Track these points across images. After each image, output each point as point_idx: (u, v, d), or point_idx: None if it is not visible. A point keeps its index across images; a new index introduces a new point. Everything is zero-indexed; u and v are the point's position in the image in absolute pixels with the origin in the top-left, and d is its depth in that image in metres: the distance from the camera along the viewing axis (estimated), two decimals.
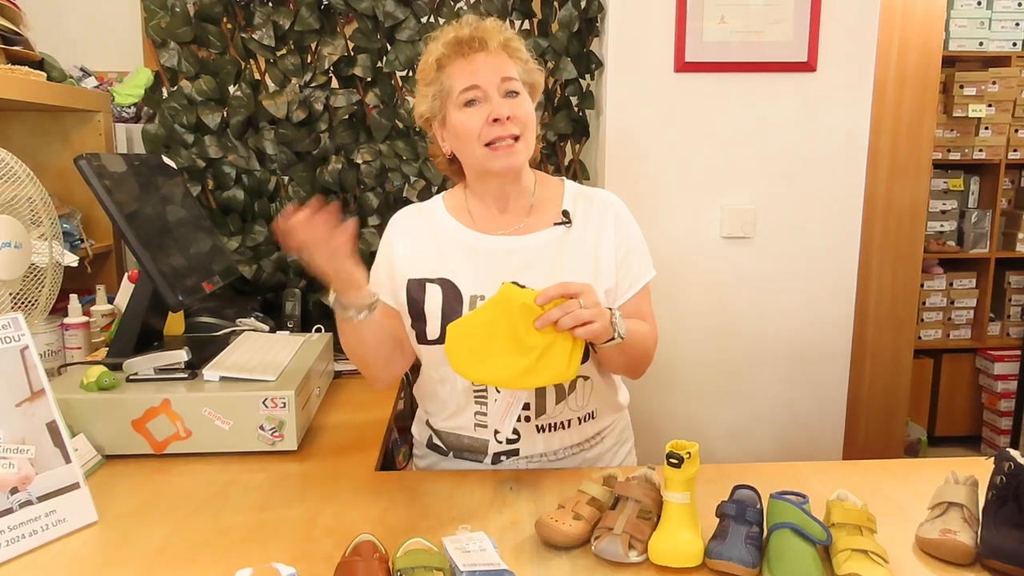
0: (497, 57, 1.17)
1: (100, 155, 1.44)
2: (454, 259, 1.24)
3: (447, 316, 1.19)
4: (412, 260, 1.25)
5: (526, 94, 1.20)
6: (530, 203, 1.27)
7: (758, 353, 2.14)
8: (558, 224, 1.25)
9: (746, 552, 0.91)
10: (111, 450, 1.27)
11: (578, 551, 0.98)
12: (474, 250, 1.24)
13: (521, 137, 1.18)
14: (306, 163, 2.13)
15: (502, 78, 1.17)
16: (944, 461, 1.22)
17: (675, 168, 2.06)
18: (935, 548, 0.96)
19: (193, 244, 1.64)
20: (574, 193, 1.29)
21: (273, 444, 1.30)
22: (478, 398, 1.23)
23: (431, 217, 1.29)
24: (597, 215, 1.26)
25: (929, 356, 3.40)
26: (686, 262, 2.10)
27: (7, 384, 1.03)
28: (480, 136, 1.17)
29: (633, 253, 1.27)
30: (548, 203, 1.27)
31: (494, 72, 1.16)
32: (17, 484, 1.00)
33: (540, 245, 1.23)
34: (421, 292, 1.22)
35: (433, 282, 1.22)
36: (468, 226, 1.26)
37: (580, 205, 1.27)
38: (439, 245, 1.25)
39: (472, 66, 1.16)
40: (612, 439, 1.34)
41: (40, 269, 1.39)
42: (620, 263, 1.25)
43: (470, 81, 1.16)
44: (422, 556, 0.88)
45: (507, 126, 1.16)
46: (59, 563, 0.96)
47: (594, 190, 1.31)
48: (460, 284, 1.21)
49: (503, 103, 1.16)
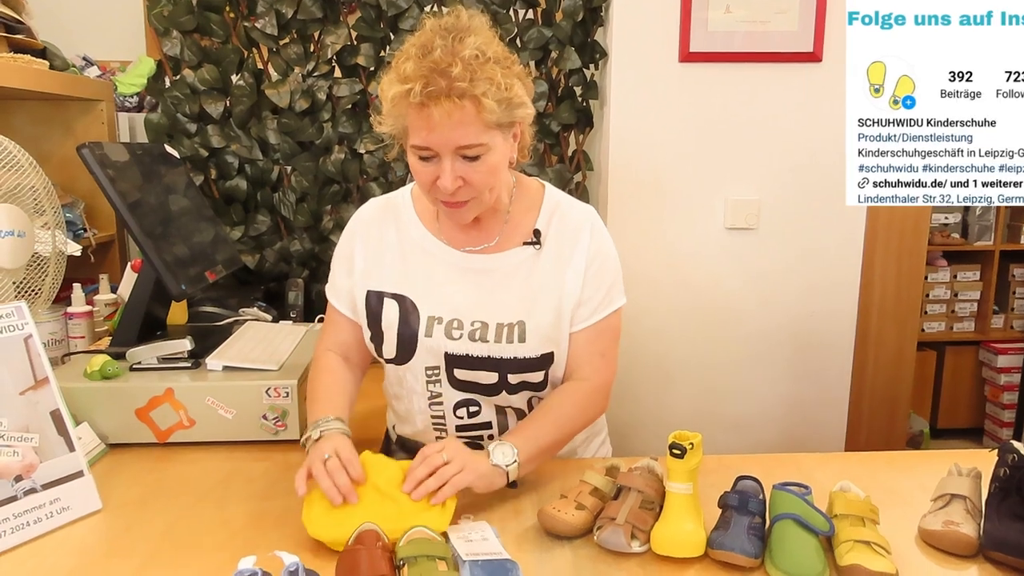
0: (459, 113, 0.98)
1: (102, 144, 1.44)
2: (416, 273, 1.17)
3: (402, 336, 1.14)
4: (373, 271, 1.18)
5: (496, 142, 1.04)
6: (504, 218, 1.17)
7: (761, 345, 2.14)
8: (528, 243, 1.16)
9: (748, 542, 0.91)
10: (115, 439, 1.28)
11: (580, 541, 0.98)
12: (440, 266, 1.16)
13: (474, 199, 1.07)
14: (309, 153, 2.13)
15: (458, 146, 1.01)
16: (947, 453, 1.22)
17: (679, 158, 2.05)
18: (938, 540, 0.96)
19: (196, 233, 1.64)
20: (552, 208, 1.18)
21: (276, 433, 1.30)
22: (436, 424, 1.20)
23: (399, 217, 1.20)
24: (571, 233, 1.16)
25: (932, 348, 3.40)
26: (689, 253, 2.10)
27: (11, 372, 1.03)
28: (428, 191, 1.08)
29: (603, 275, 1.17)
30: (524, 216, 1.18)
31: (451, 136, 1.00)
32: (21, 472, 1.00)
33: (509, 268, 1.15)
34: (379, 306, 1.16)
35: (391, 297, 1.16)
36: (435, 234, 1.18)
37: (555, 222, 1.17)
38: (403, 254, 1.18)
39: (428, 123, 0.99)
40: (582, 435, 1.28)
41: (43, 258, 1.38)
42: (586, 282, 1.15)
43: (423, 141, 1.02)
44: (425, 545, 0.89)
45: (456, 194, 1.05)
46: (64, 550, 0.97)
47: (572, 205, 1.20)
48: (419, 303, 1.15)
49: (455, 169, 1.02)
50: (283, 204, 2.17)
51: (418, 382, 1.17)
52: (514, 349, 1.12)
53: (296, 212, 2.15)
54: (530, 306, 1.13)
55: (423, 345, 1.14)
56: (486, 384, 1.14)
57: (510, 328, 1.12)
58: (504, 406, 1.18)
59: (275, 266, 2.17)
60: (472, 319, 1.13)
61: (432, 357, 1.14)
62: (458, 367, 1.14)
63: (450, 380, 1.15)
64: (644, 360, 2.15)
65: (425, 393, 1.17)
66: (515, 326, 1.12)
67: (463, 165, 1.03)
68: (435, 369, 1.15)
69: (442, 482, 0.99)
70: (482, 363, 1.13)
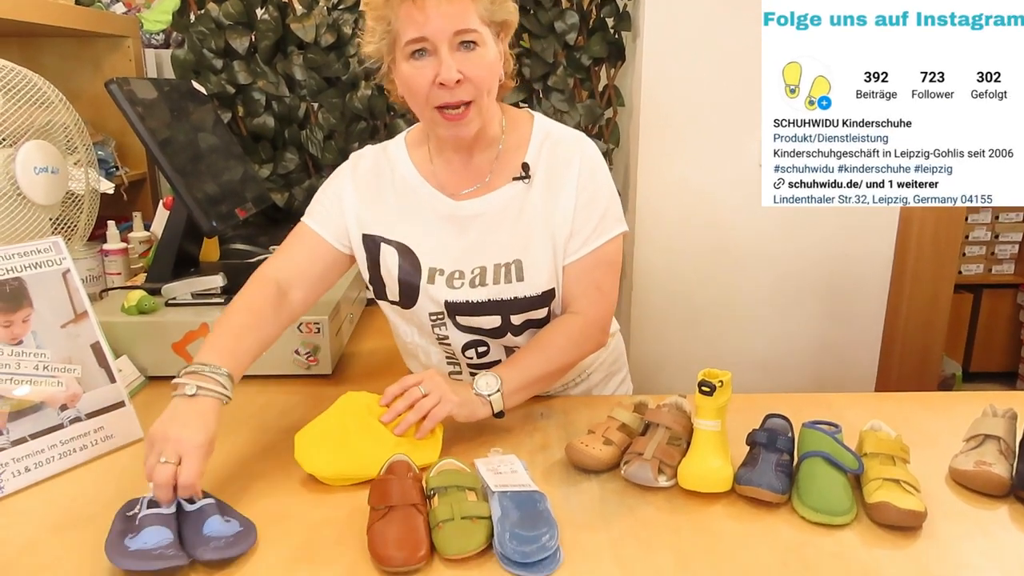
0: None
1: (130, 79, 1.44)
2: (412, 222, 1.14)
3: (404, 284, 1.13)
4: (369, 217, 1.15)
5: (489, 40, 1.02)
6: (496, 154, 1.14)
7: (792, 286, 2.11)
8: (517, 179, 1.12)
9: (776, 479, 0.92)
10: (153, 371, 1.31)
11: (607, 475, 0.99)
12: (434, 215, 1.14)
13: (474, 102, 1.03)
14: (336, 89, 2.10)
15: (455, 31, 0.98)
16: (981, 395, 1.20)
17: (714, 94, 1.99)
18: (969, 479, 0.95)
19: (225, 171, 1.64)
20: (541, 139, 1.14)
21: (308, 368, 1.32)
22: (449, 361, 1.20)
23: (394, 166, 1.17)
24: (562, 163, 1.12)
25: (969, 291, 3.32)
26: (721, 192, 2.05)
27: (52, 306, 1.06)
28: (428, 98, 1.02)
29: (595, 203, 1.11)
30: (514, 151, 1.14)
31: (447, 21, 0.97)
32: (66, 401, 1.04)
33: (500, 207, 1.12)
34: (377, 251, 1.14)
35: (389, 243, 1.13)
36: (430, 181, 1.14)
37: (545, 153, 1.13)
38: (399, 200, 1.15)
39: (422, 13, 0.97)
40: (600, 374, 1.29)
41: (78, 196, 1.40)
42: (577, 211, 1.11)
43: (417, 32, 0.98)
44: (455, 476, 0.90)
45: (456, 91, 1.00)
46: (109, 476, 1.00)
47: (563, 132, 1.16)
48: (419, 253, 1.13)
49: (454, 60, 0.99)
50: (311, 142, 2.16)
51: (424, 325, 1.17)
52: (514, 289, 1.11)
53: (324, 150, 2.14)
54: (525, 243, 1.11)
55: (424, 293, 1.13)
56: (490, 328, 1.14)
57: (507, 268, 1.11)
58: (511, 347, 1.17)
59: (304, 204, 2.16)
60: (472, 266, 1.12)
61: (433, 304, 1.13)
62: (460, 313, 1.13)
63: (454, 324, 1.15)
64: (671, 299, 2.14)
65: (433, 335, 1.17)
66: (511, 265, 1.11)
67: (462, 56, 1.00)
68: (439, 315, 1.14)
69: (421, 415, 1.00)
70: (483, 307, 1.12)
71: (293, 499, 0.95)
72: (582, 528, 0.88)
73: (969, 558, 0.83)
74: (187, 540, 0.82)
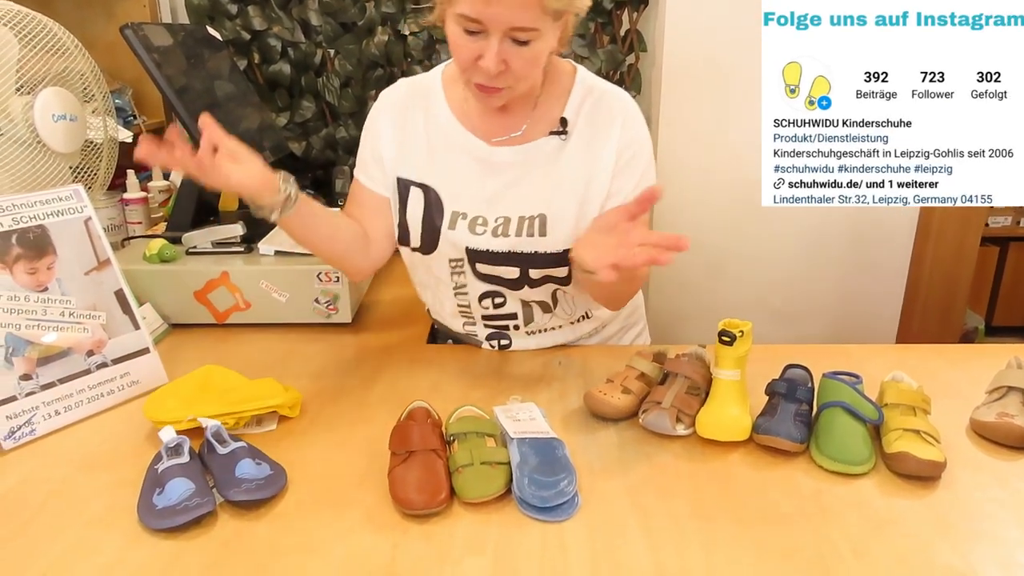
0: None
1: (143, 25, 1.42)
2: (443, 163, 1.13)
3: (426, 227, 1.13)
4: (400, 157, 1.14)
5: (547, 30, 0.98)
6: (533, 104, 1.12)
7: (815, 238, 2.08)
8: (554, 133, 1.11)
9: (794, 428, 0.92)
10: (176, 319, 1.33)
11: (625, 423, 1.00)
12: (465, 157, 1.12)
13: (508, 88, 1.02)
14: (352, 35, 2.07)
15: (513, 26, 0.94)
16: (1004, 347, 1.19)
17: (740, 40, 1.93)
18: (990, 431, 0.95)
19: (243, 120, 1.63)
20: (583, 94, 1.12)
21: (328, 316, 1.34)
22: (463, 312, 1.20)
23: (428, 103, 1.15)
24: (605, 121, 1.10)
25: (995, 244, 3.26)
26: (745, 141, 2.00)
27: (75, 253, 1.07)
28: (466, 68, 1.00)
29: (635, 164, 1.11)
30: (554, 102, 1.12)
31: (508, 13, 0.93)
32: (92, 347, 1.05)
33: (533, 159, 1.11)
34: (406, 193, 1.14)
35: (417, 186, 1.13)
36: (464, 124, 1.13)
37: (586, 109, 1.11)
38: (430, 141, 1.14)
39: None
40: (615, 326, 1.30)
41: (97, 144, 1.40)
42: (617, 172, 1.10)
43: (476, 12, 0.93)
44: (474, 423, 0.92)
45: (496, 79, 0.99)
46: (135, 420, 1.03)
47: (605, 89, 1.14)
48: (443, 196, 1.12)
49: (501, 51, 0.96)
50: (327, 89, 2.13)
51: (443, 272, 1.17)
52: (535, 243, 1.10)
53: (341, 97, 2.12)
54: (552, 198, 1.10)
55: (445, 238, 1.13)
56: (508, 279, 1.14)
57: (531, 221, 1.10)
58: (528, 300, 1.17)
59: (321, 153, 2.16)
60: (496, 215, 1.11)
61: (454, 250, 1.13)
62: (480, 261, 1.13)
63: (474, 272, 1.14)
64: (692, 250, 2.11)
65: (450, 283, 1.17)
66: (536, 219, 1.10)
67: (509, 47, 0.97)
68: (459, 261, 1.14)
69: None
70: (504, 258, 1.11)
71: (314, 444, 0.96)
72: (600, 475, 0.89)
73: (987, 508, 0.83)
74: (219, 481, 0.84)
